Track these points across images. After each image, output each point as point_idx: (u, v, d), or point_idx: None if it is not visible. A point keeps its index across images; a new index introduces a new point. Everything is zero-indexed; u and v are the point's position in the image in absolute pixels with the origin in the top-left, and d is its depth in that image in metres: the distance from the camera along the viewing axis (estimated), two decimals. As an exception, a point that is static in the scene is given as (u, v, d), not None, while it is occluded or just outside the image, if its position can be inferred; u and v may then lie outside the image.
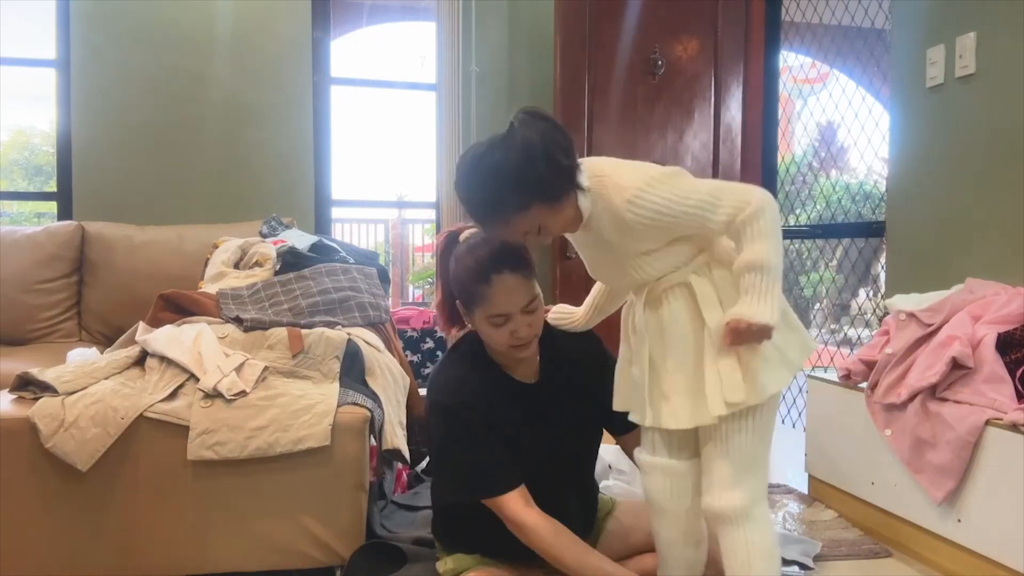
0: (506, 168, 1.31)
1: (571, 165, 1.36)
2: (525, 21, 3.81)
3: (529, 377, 1.63)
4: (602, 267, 1.52)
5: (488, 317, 1.50)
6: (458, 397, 1.55)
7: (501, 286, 1.47)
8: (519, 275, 1.49)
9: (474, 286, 1.49)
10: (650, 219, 1.33)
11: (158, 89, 3.43)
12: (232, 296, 2.25)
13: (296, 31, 3.58)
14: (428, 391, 1.61)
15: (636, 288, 1.47)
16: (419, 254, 7.96)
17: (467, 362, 1.61)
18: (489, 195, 1.35)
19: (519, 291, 1.49)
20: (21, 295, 2.97)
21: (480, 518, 1.59)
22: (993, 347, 1.91)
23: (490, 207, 1.36)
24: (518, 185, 1.31)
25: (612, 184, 1.35)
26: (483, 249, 1.50)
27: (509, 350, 1.54)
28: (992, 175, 2.39)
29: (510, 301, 1.48)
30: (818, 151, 4.72)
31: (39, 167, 7.47)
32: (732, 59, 3.72)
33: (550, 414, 1.62)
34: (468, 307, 1.54)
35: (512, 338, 1.51)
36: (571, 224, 1.42)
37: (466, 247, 1.55)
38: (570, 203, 1.38)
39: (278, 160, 3.56)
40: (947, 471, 1.90)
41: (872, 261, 3.97)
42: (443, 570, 1.66)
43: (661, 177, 1.35)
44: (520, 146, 1.31)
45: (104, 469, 1.72)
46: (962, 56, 2.48)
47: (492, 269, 1.47)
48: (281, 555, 1.79)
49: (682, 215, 1.33)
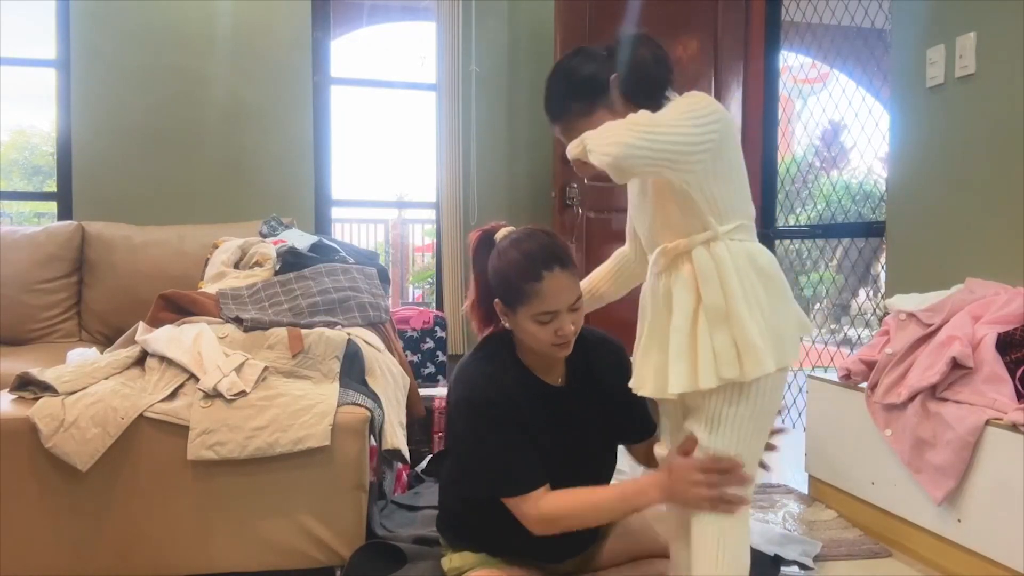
0: (582, 71, 1.44)
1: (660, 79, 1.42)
2: (525, 21, 3.81)
3: (556, 380, 1.60)
4: (643, 206, 1.48)
5: (535, 315, 1.47)
6: (487, 393, 1.51)
7: (553, 283, 1.45)
8: (568, 272, 1.48)
9: (524, 283, 1.46)
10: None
11: (158, 89, 3.43)
12: (232, 296, 2.25)
13: (296, 31, 3.58)
14: (454, 385, 1.57)
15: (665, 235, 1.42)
16: (419, 254, 7.96)
17: (495, 361, 1.57)
18: (558, 94, 1.47)
19: (569, 288, 1.48)
20: (21, 295, 2.97)
21: (488, 517, 1.58)
22: (993, 347, 1.91)
23: (558, 105, 1.47)
24: (586, 88, 1.42)
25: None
26: (530, 243, 1.49)
27: (551, 349, 1.51)
28: (992, 175, 2.39)
29: (560, 299, 1.46)
30: (819, 151, 4.72)
31: (39, 167, 7.46)
32: (732, 59, 3.72)
33: (574, 418, 1.59)
34: (512, 305, 1.49)
35: (556, 337, 1.48)
36: None
37: (509, 242, 1.52)
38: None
39: (278, 160, 3.57)
40: (947, 471, 1.90)
41: (872, 261, 3.97)
42: (448, 567, 1.65)
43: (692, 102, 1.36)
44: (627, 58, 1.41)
45: (104, 469, 1.72)
46: (962, 56, 2.48)
47: (543, 266, 1.45)
48: (281, 555, 1.79)
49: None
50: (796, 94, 4.93)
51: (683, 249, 1.38)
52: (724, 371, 1.31)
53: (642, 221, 1.50)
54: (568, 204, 3.48)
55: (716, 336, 1.32)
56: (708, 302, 1.34)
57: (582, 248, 3.48)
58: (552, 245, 1.49)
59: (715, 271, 1.34)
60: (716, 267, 1.35)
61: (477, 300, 1.60)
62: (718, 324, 1.32)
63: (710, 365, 1.31)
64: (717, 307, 1.33)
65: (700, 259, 1.36)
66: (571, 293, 1.48)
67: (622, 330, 1.70)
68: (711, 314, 1.33)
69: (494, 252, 1.53)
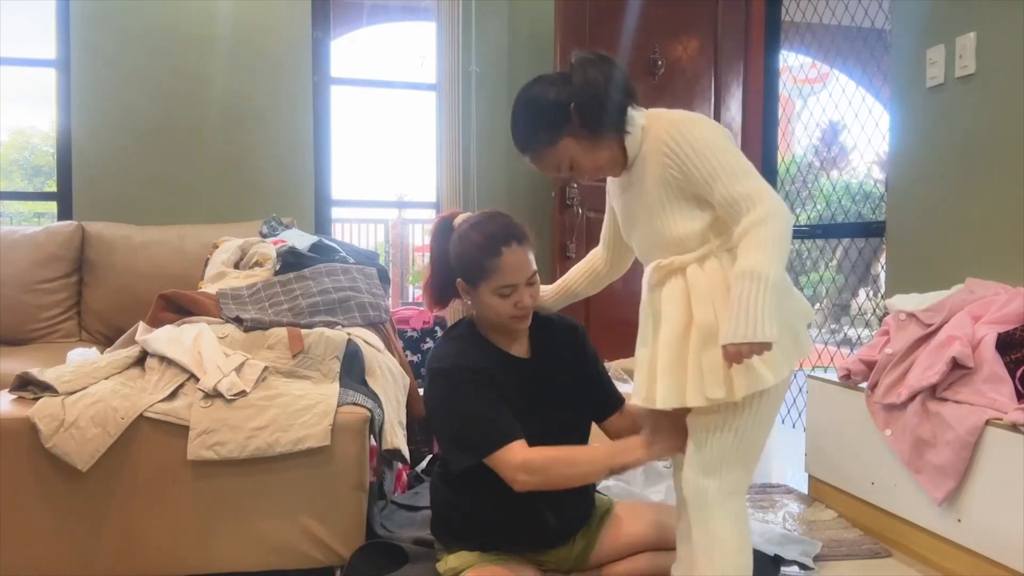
0: (541, 101, 1.45)
1: (618, 103, 1.42)
2: (525, 21, 3.81)
3: (521, 353, 1.69)
4: (633, 221, 1.52)
5: (496, 288, 1.56)
6: (457, 360, 1.60)
7: (511, 257, 1.55)
8: (524, 247, 1.58)
9: (484, 258, 1.55)
10: (683, 153, 1.36)
11: (158, 89, 3.43)
12: (232, 296, 2.25)
13: (296, 31, 3.58)
14: (428, 365, 1.66)
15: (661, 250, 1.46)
16: (419, 254, 7.96)
17: (463, 338, 1.67)
18: (522, 126, 1.48)
19: (526, 263, 1.58)
20: (21, 295, 2.97)
21: (480, 514, 1.63)
22: (993, 347, 1.91)
23: (523, 138, 1.49)
24: (547, 118, 1.43)
25: (665, 116, 1.42)
26: (491, 225, 1.59)
27: (511, 321, 1.60)
28: (992, 175, 2.39)
29: (519, 272, 1.57)
30: (819, 151, 4.72)
31: (39, 167, 7.47)
32: (732, 59, 3.72)
33: (543, 387, 1.66)
34: (474, 282, 1.58)
35: (515, 309, 1.58)
36: (607, 166, 1.49)
37: (468, 225, 1.62)
38: (607, 145, 1.45)
39: (278, 160, 3.57)
40: (947, 471, 1.90)
41: (872, 261, 3.97)
42: (443, 569, 1.66)
43: (713, 125, 1.42)
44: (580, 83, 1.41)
45: (104, 469, 1.71)
46: (962, 56, 2.48)
47: (503, 242, 1.55)
48: (281, 555, 1.79)
49: (706, 165, 1.34)
50: (796, 94, 4.94)
51: (677, 266, 1.42)
52: (710, 391, 1.34)
53: (635, 232, 1.53)
54: (568, 204, 3.48)
55: (705, 355, 1.34)
56: (699, 320, 1.36)
57: (582, 248, 3.47)
58: (509, 224, 1.60)
59: (707, 290, 1.37)
60: (709, 285, 1.37)
61: (432, 280, 1.70)
62: (709, 342, 1.34)
63: (697, 384, 1.35)
64: (708, 325, 1.35)
65: (693, 277, 1.39)
66: (528, 267, 1.59)
67: (623, 330, 1.72)
68: (702, 332, 1.35)
69: (455, 236, 1.63)
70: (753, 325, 1.24)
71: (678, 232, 1.41)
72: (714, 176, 1.34)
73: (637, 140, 1.44)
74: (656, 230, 1.44)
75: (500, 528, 1.64)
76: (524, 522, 1.63)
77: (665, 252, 1.44)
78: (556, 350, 1.71)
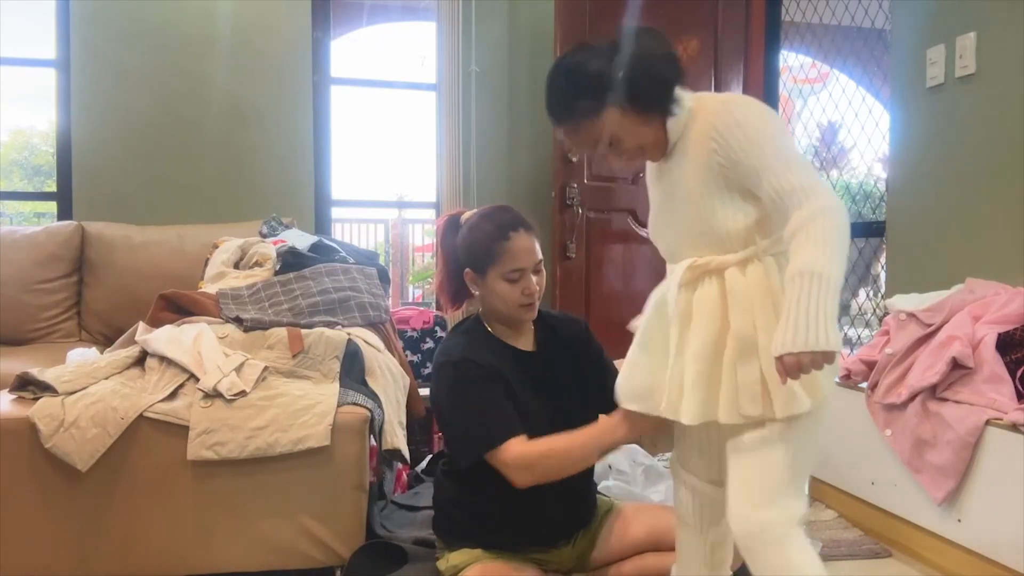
0: (586, 67, 1.31)
1: (670, 79, 1.30)
2: (525, 21, 3.81)
3: (527, 347, 1.71)
4: (667, 213, 1.38)
5: (505, 273, 1.60)
6: (465, 353, 1.61)
7: (519, 242, 1.60)
8: (531, 234, 1.63)
9: (494, 243, 1.60)
10: (732, 137, 1.22)
11: (158, 89, 3.42)
12: (232, 296, 2.25)
13: (296, 31, 3.57)
14: (435, 358, 1.68)
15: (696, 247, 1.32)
16: (419, 254, 7.96)
17: (470, 334, 1.69)
18: (562, 93, 1.35)
19: (533, 249, 1.63)
20: (21, 295, 2.97)
21: (485, 511, 1.63)
22: (993, 347, 1.91)
23: (561, 106, 1.36)
24: (592, 86, 1.30)
25: (716, 98, 1.31)
26: (500, 214, 1.65)
27: (518, 310, 1.63)
28: (992, 175, 2.39)
29: (527, 256, 1.61)
30: (819, 151, 4.72)
31: (39, 167, 7.47)
32: (732, 59, 3.72)
33: (549, 380, 1.68)
34: (482, 269, 1.62)
35: (523, 296, 1.61)
36: (651, 147, 1.35)
37: (477, 218, 1.67)
38: (652, 123, 1.32)
39: (278, 160, 3.56)
40: (947, 471, 1.90)
41: (872, 261, 3.97)
42: (444, 567, 1.66)
43: (767, 109, 1.28)
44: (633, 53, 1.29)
45: (104, 469, 1.72)
46: (962, 56, 2.48)
47: (511, 228, 1.61)
48: (281, 555, 1.79)
49: (756, 153, 1.20)
50: (796, 94, 4.94)
51: (715, 267, 1.27)
52: (745, 407, 1.21)
53: (667, 226, 1.39)
54: (568, 204, 3.48)
55: (741, 368, 1.22)
56: (737, 330, 1.23)
57: (582, 248, 3.48)
58: (516, 214, 1.65)
59: (747, 296, 1.24)
60: (749, 291, 1.24)
61: (446, 279, 1.73)
62: (746, 355, 1.22)
63: (731, 400, 1.22)
64: (746, 337, 1.22)
65: (733, 281, 1.25)
66: (535, 253, 1.63)
67: (623, 330, 1.71)
68: (739, 344, 1.22)
69: (463, 228, 1.68)
70: (815, 332, 1.08)
71: (718, 227, 1.26)
72: (765, 165, 1.19)
73: (681, 123, 1.31)
74: (693, 223, 1.30)
75: (504, 525, 1.64)
76: (528, 520, 1.63)
77: (702, 249, 1.29)
78: (561, 343, 1.73)
